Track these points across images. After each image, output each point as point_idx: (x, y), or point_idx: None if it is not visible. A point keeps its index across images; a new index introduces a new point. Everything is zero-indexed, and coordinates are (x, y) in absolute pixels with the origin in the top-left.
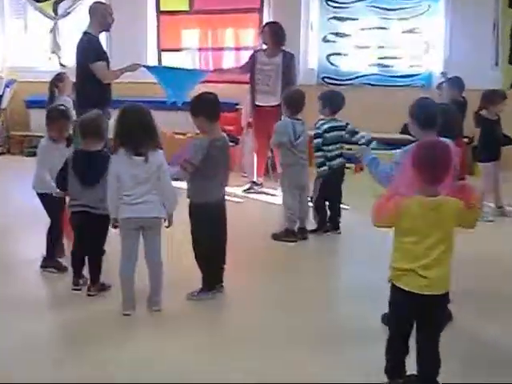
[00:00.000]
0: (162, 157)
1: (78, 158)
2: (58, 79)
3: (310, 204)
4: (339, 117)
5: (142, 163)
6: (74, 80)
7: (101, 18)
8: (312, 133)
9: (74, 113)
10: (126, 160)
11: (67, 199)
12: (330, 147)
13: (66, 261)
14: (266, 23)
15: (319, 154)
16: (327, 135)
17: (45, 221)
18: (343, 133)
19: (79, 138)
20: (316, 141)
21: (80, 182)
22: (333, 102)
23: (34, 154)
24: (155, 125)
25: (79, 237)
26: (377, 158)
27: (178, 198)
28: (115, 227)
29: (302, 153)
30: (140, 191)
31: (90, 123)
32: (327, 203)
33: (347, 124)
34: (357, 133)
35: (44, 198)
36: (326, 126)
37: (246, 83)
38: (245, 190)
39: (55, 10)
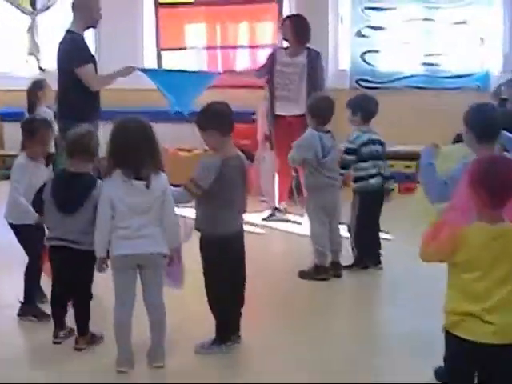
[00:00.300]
0: (165, 181)
1: (59, 180)
2: (37, 87)
3: (345, 233)
4: (375, 126)
5: (142, 189)
6: (56, 87)
7: (86, 12)
8: (344, 146)
9: (55, 126)
10: (123, 185)
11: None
12: (366, 164)
13: (47, 306)
14: (287, 16)
15: (343, 172)
16: (363, 150)
17: (21, 258)
18: (380, 147)
19: (63, 157)
20: (348, 158)
21: (58, 209)
22: (364, 107)
23: (8, 177)
24: (158, 142)
25: (58, 278)
26: (433, 165)
27: (180, 229)
28: (101, 270)
29: (331, 172)
30: (139, 223)
31: (79, 140)
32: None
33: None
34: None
35: (19, 229)
36: (363, 139)
37: (263, 88)
38: (265, 218)
39: (33, 4)
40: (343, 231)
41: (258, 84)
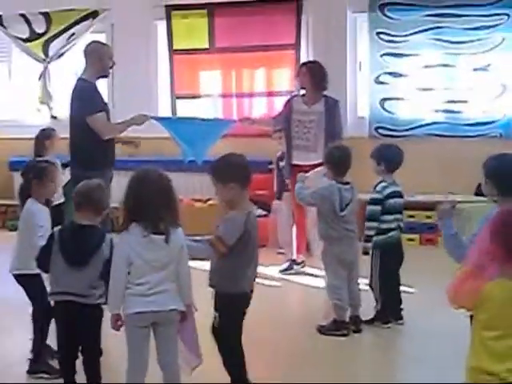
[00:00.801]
0: (182, 235)
1: (67, 232)
2: (45, 136)
3: (364, 287)
4: (396, 176)
5: (162, 244)
6: (69, 135)
7: (98, 61)
8: (369, 197)
9: (61, 177)
10: (141, 240)
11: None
12: (389, 217)
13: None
14: (304, 63)
15: (373, 224)
16: (388, 203)
17: (26, 315)
18: (401, 201)
19: (71, 208)
20: (374, 208)
21: (66, 262)
22: (388, 157)
23: (17, 228)
24: (176, 194)
25: (65, 336)
26: (457, 235)
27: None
28: (118, 328)
29: (349, 224)
30: (156, 279)
31: (89, 193)
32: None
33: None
34: None
35: (24, 279)
36: (389, 191)
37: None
38: (282, 271)
39: (45, 52)
40: (363, 284)
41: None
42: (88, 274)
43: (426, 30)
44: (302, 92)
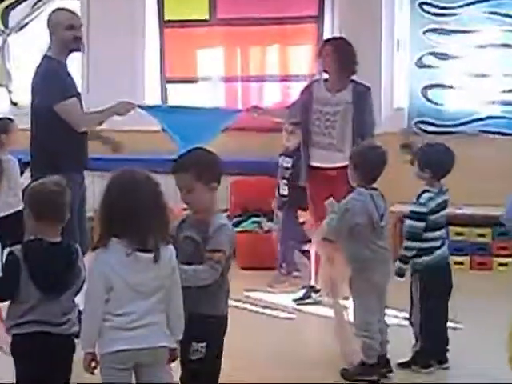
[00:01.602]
0: (174, 254)
1: (36, 252)
2: (1, 128)
3: (401, 320)
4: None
5: (150, 264)
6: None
7: (58, 34)
8: (408, 209)
9: (19, 179)
10: (124, 259)
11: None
12: (434, 234)
13: None
14: (327, 40)
15: (414, 245)
16: (433, 217)
17: None
18: (446, 211)
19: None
20: (416, 224)
21: (40, 289)
22: (436, 162)
23: None
24: (167, 203)
25: (34, 371)
26: None
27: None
28: (92, 370)
29: (382, 240)
30: (142, 308)
31: (47, 197)
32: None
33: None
34: None
35: None
36: (435, 203)
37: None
38: (297, 300)
39: (4, 22)
40: (398, 318)
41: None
42: (64, 300)
43: (480, 1)
44: (325, 76)
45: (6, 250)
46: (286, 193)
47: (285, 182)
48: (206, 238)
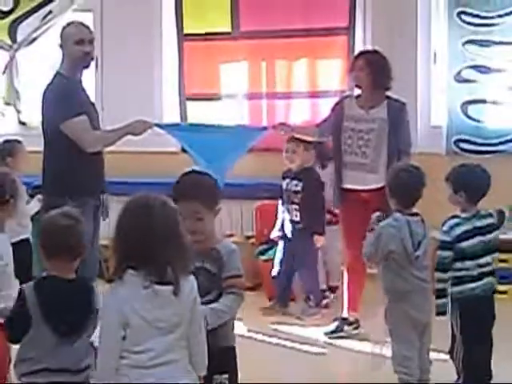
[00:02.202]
0: (195, 286)
1: (49, 291)
2: (6, 152)
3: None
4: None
5: (169, 298)
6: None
7: (67, 49)
8: (438, 237)
9: (25, 207)
10: (142, 293)
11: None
12: (467, 263)
13: None
14: (361, 52)
15: (442, 276)
16: (464, 245)
17: None
18: (491, 237)
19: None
20: (443, 254)
21: (55, 332)
22: (470, 184)
23: None
24: (184, 232)
25: None
26: None
27: None
28: None
29: (421, 270)
30: (162, 345)
31: (57, 234)
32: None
33: (501, 217)
34: None
35: None
36: (461, 230)
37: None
38: (329, 333)
39: (12, 36)
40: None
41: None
42: (81, 344)
43: None
44: (358, 92)
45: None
46: (297, 219)
47: (295, 207)
48: (220, 267)
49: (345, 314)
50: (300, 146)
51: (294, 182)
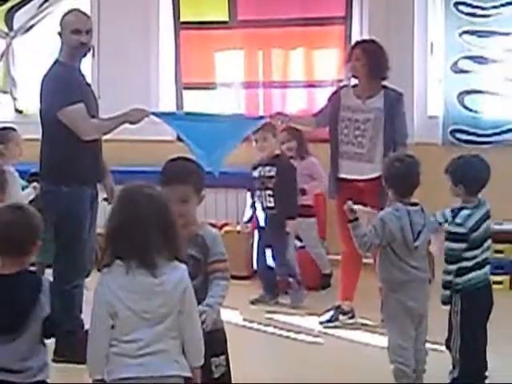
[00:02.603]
0: (186, 275)
1: None
2: (0, 138)
3: (438, 346)
4: None
5: (155, 288)
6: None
7: (67, 36)
8: (447, 230)
9: (18, 195)
10: (128, 281)
11: None
12: (474, 253)
13: None
14: (358, 42)
15: (454, 267)
16: (476, 234)
17: None
18: (489, 223)
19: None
20: (455, 246)
21: None
22: (468, 176)
23: None
24: (175, 221)
25: None
26: None
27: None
28: None
29: (419, 261)
30: (150, 336)
31: (4, 233)
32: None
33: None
34: None
35: None
36: (474, 220)
37: (324, 141)
38: (324, 322)
39: (9, 24)
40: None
41: (317, 136)
42: (24, 342)
43: None
44: (354, 82)
45: None
46: (272, 205)
47: (269, 192)
48: (205, 252)
49: (340, 303)
50: (269, 133)
51: (267, 168)
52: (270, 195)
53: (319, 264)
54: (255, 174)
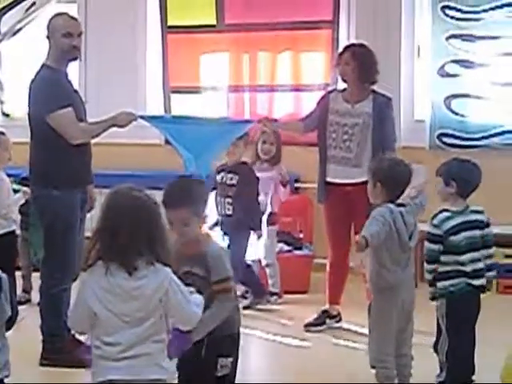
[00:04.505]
0: (169, 277)
1: None
2: None
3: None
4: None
5: (134, 291)
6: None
7: (54, 41)
8: (427, 231)
9: (9, 199)
10: (107, 283)
11: None
12: (464, 257)
13: None
14: (347, 46)
15: (431, 267)
16: (454, 238)
17: None
18: (479, 233)
19: (37, 234)
20: (431, 247)
21: None
22: (462, 178)
23: None
24: (163, 224)
25: None
26: None
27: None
28: None
29: (408, 261)
30: (131, 338)
31: None
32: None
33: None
34: None
35: None
36: (452, 223)
37: (312, 145)
38: (309, 325)
39: None
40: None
41: (304, 140)
42: None
43: (508, 5)
44: (343, 86)
45: None
46: (230, 212)
47: (229, 200)
48: (208, 271)
49: (327, 307)
50: (242, 142)
51: (230, 175)
52: (229, 203)
53: (268, 277)
54: (218, 178)
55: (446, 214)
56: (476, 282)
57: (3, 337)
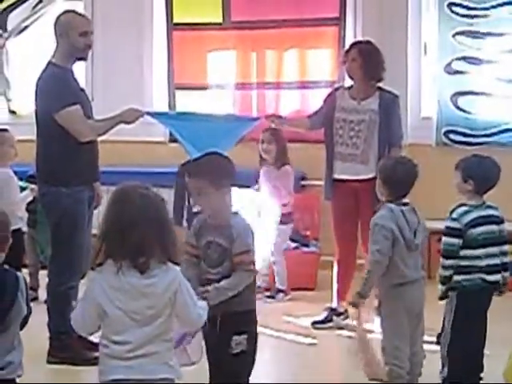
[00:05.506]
0: (178, 277)
1: None
2: None
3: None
4: None
5: (146, 288)
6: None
7: (65, 38)
8: (441, 225)
9: (15, 196)
10: (118, 281)
11: None
12: (473, 252)
13: None
14: (353, 43)
15: (449, 262)
16: (473, 231)
17: None
18: (496, 228)
19: (44, 235)
20: (452, 241)
21: None
22: (480, 174)
23: None
24: (170, 222)
25: None
26: None
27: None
28: None
29: (417, 260)
30: (140, 337)
31: None
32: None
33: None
34: None
35: None
36: (471, 217)
37: (318, 142)
38: (317, 323)
39: (3, 25)
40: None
41: (311, 137)
42: (2, 342)
43: None
44: (350, 83)
45: None
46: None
47: None
48: (231, 242)
49: (334, 305)
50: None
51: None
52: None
53: (275, 274)
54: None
55: (464, 208)
56: (490, 278)
57: (19, 336)
